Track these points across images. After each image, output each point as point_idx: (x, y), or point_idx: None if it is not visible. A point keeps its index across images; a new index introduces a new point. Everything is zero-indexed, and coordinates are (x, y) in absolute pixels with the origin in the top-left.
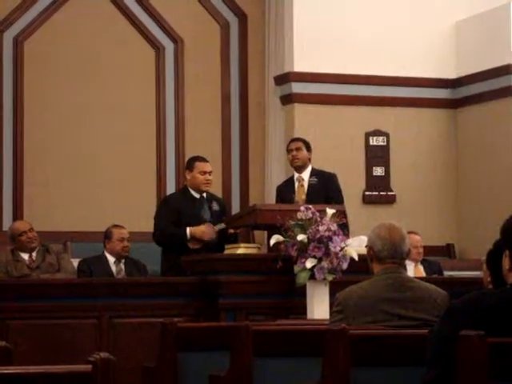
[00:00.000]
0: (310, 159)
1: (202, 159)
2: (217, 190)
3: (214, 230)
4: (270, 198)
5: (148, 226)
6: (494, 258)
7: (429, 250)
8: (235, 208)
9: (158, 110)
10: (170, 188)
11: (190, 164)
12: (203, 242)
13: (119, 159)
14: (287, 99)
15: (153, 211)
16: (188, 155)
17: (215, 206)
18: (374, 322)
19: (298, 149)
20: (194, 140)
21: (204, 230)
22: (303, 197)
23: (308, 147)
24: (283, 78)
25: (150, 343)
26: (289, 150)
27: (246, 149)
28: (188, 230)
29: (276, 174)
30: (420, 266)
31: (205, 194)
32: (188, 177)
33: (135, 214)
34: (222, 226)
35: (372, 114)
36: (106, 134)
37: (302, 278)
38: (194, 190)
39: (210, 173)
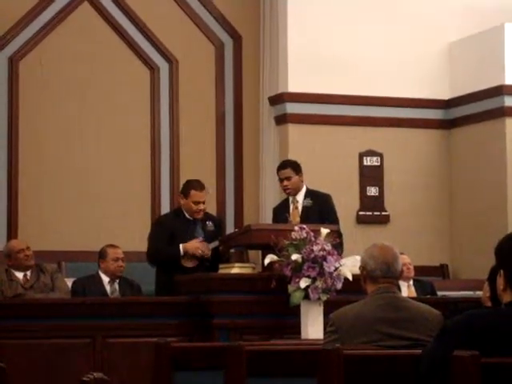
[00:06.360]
0: (302, 181)
1: (199, 187)
2: (211, 209)
3: (208, 246)
4: (265, 218)
5: (142, 245)
6: (495, 276)
7: (422, 270)
8: (230, 227)
9: (152, 130)
10: (165, 207)
11: (186, 190)
12: (197, 260)
13: (114, 179)
14: (281, 119)
15: (147, 231)
16: (182, 175)
17: (210, 226)
18: (368, 342)
19: (287, 178)
20: (189, 160)
21: (197, 246)
22: (298, 219)
23: (297, 171)
24: (277, 99)
25: (144, 363)
26: (279, 179)
27: (240, 169)
28: (181, 246)
29: (270, 194)
30: (412, 287)
31: None
32: (182, 201)
33: (130, 233)
34: (216, 243)
35: (366, 135)
36: (101, 154)
37: (297, 297)
38: (187, 212)
39: (203, 202)
